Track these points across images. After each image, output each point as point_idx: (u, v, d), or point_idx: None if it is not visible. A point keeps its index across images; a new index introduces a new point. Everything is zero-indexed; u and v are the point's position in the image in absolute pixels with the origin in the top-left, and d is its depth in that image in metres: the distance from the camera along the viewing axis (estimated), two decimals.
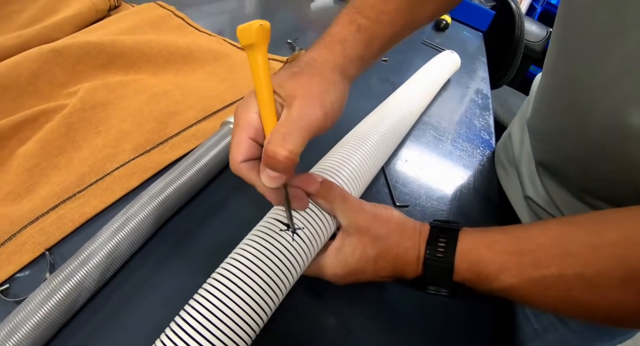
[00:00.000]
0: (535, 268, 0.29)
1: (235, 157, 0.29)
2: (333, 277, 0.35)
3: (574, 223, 0.30)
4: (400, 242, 0.34)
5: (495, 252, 0.31)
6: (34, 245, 0.36)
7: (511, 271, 0.29)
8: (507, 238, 0.31)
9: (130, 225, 0.34)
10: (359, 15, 0.35)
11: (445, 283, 0.33)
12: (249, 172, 0.29)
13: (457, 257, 0.31)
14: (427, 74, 0.68)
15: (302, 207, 0.33)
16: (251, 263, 0.30)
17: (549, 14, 2.46)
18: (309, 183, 0.33)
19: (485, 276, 0.30)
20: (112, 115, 0.48)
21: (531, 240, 0.30)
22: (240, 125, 0.29)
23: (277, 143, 0.26)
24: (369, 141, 0.44)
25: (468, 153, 0.64)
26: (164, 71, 0.58)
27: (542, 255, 0.29)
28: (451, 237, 0.33)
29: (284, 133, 0.26)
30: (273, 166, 0.27)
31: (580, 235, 0.29)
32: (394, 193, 0.50)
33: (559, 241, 0.29)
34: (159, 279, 0.36)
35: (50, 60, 0.51)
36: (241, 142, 0.29)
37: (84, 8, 0.64)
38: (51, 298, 0.30)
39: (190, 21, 0.73)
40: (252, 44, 0.27)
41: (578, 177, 0.43)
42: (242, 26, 0.27)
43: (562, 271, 0.28)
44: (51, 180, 0.41)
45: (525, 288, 0.29)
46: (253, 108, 0.29)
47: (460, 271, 0.31)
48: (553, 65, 0.43)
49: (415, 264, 0.33)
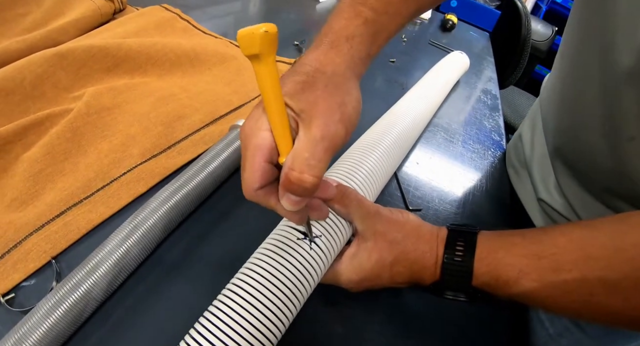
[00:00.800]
0: (556, 272, 0.28)
1: (250, 185, 0.26)
2: (349, 283, 0.34)
3: (595, 226, 0.29)
4: (417, 246, 0.33)
5: (514, 256, 0.30)
6: (40, 253, 0.35)
7: (531, 276, 0.29)
8: (526, 241, 0.30)
9: (139, 232, 0.33)
10: (364, 6, 0.32)
11: (463, 288, 0.32)
12: (267, 198, 0.27)
13: (476, 261, 0.31)
14: (437, 76, 0.68)
15: (322, 217, 0.31)
16: (269, 273, 0.29)
17: (554, 13, 2.45)
18: (326, 190, 0.32)
19: (504, 281, 0.29)
20: (119, 120, 0.47)
21: (551, 243, 0.29)
22: (252, 146, 0.26)
23: (302, 170, 0.24)
24: (382, 144, 0.43)
25: (479, 155, 0.63)
26: (170, 74, 0.57)
27: (562, 258, 0.28)
28: (470, 240, 0.32)
29: (307, 158, 0.24)
30: (296, 192, 0.25)
31: (602, 237, 0.28)
32: (406, 197, 0.49)
33: (579, 244, 0.28)
34: (168, 288, 0.35)
35: (55, 64, 0.50)
36: (256, 167, 0.25)
37: (89, 11, 0.63)
38: (57, 308, 0.29)
39: (196, 23, 0.72)
40: (257, 54, 0.22)
41: (600, 173, 0.42)
42: (244, 31, 0.22)
43: (583, 275, 0.27)
44: (57, 185, 0.40)
45: (546, 292, 0.28)
46: (264, 125, 0.26)
47: (479, 276, 0.31)
48: (574, 51, 0.42)
49: (433, 268, 0.32)
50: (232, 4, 0.89)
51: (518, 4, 1.31)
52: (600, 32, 0.36)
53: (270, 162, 0.26)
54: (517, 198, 0.57)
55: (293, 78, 0.28)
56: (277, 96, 0.24)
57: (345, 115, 0.26)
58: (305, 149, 0.24)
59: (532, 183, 0.54)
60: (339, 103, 0.26)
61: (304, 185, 0.24)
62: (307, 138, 0.25)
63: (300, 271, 0.30)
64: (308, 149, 0.24)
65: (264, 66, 0.23)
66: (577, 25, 0.41)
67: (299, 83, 0.27)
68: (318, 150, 0.24)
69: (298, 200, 0.25)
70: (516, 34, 1.29)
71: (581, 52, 0.40)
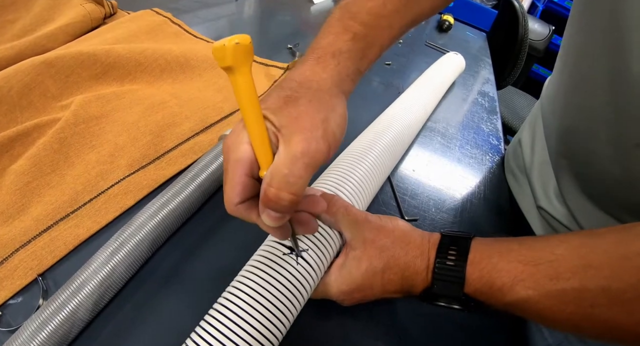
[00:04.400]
0: (553, 280, 0.26)
1: (231, 199, 0.25)
2: (340, 295, 0.33)
3: (597, 234, 0.28)
4: (407, 250, 0.32)
5: (509, 261, 0.28)
6: (26, 270, 0.34)
7: (526, 283, 0.27)
8: (523, 247, 0.29)
9: (124, 250, 0.32)
10: (353, 21, 0.32)
11: (456, 295, 0.30)
12: (248, 213, 0.26)
13: (468, 266, 0.29)
14: (430, 78, 0.66)
15: (310, 232, 0.31)
16: (254, 292, 0.28)
17: (551, 12, 2.44)
18: (315, 205, 0.31)
19: (498, 288, 0.28)
20: (107, 129, 0.46)
21: (549, 250, 0.28)
22: (232, 160, 0.25)
23: (280, 187, 0.23)
24: (373, 152, 0.42)
25: (477, 160, 0.62)
26: (160, 81, 0.56)
27: (561, 265, 0.26)
28: (463, 245, 0.31)
29: (286, 175, 0.23)
30: (275, 209, 0.24)
31: (604, 245, 0.26)
32: (402, 206, 0.48)
33: (580, 251, 0.27)
34: (155, 306, 0.34)
35: (43, 72, 0.49)
36: (236, 181, 0.25)
37: (79, 17, 0.62)
38: (43, 330, 0.28)
39: (187, 28, 0.71)
40: (231, 66, 0.22)
41: (604, 181, 0.40)
42: (217, 45, 0.22)
43: (583, 285, 0.25)
44: (43, 199, 0.39)
45: (542, 302, 0.27)
46: (244, 138, 0.25)
47: (472, 282, 0.29)
48: (578, 54, 0.41)
49: (425, 273, 0.31)
50: (225, 6, 0.88)
51: (515, 3, 1.30)
52: (608, 34, 0.34)
53: (251, 176, 0.26)
54: (517, 205, 0.56)
55: (277, 93, 0.27)
56: (255, 108, 0.24)
57: (329, 131, 0.25)
58: (285, 165, 0.24)
59: (531, 190, 0.53)
60: (322, 119, 0.26)
61: (282, 202, 0.23)
62: (287, 154, 0.24)
63: (287, 287, 0.29)
64: (287, 165, 0.24)
65: (239, 77, 0.23)
66: (579, 27, 0.39)
67: (282, 98, 0.26)
68: (297, 166, 0.24)
69: (278, 216, 0.25)
70: (513, 33, 1.28)
71: (585, 55, 0.39)
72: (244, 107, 0.24)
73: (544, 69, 2.50)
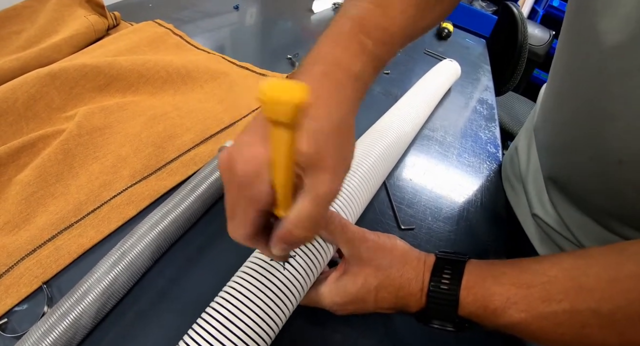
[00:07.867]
0: (546, 303, 0.27)
1: (239, 232, 0.25)
2: (333, 306, 0.34)
3: (589, 256, 0.29)
4: (403, 272, 0.32)
5: (502, 284, 0.29)
6: (32, 278, 0.35)
7: (519, 306, 0.28)
8: (516, 270, 0.30)
9: (126, 260, 0.33)
10: (364, 35, 0.29)
11: (450, 318, 0.31)
12: (254, 242, 0.26)
13: (462, 290, 0.30)
14: (424, 87, 0.67)
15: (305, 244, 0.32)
16: (243, 296, 0.29)
17: (551, 17, 2.45)
18: None
19: (492, 311, 0.29)
20: (110, 140, 0.48)
21: (541, 273, 0.29)
22: (248, 197, 0.23)
23: (306, 229, 0.23)
24: (365, 164, 0.43)
25: (474, 169, 0.63)
26: (162, 92, 0.57)
27: (553, 288, 0.27)
28: (457, 268, 0.31)
29: (313, 217, 0.23)
30: (293, 244, 0.24)
31: (595, 267, 0.27)
32: (398, 215, 0.49)
33: (571, 273, 0.28)
34: (156, 314, 0.35)
35: (48, 84, 0.50)
36: (249, 218, 0.24)
37: (82, 28, 0.63)
38: (48, 336, 0.29)
39: (189, 39, 0.72)
40: (286, 123, 0.18)
41: (591, 194, 0.41)
42: (272, 92, 0.16)
43: (575, 307, 0.26)
44: (48, 209, 0.41)
45: (535, 324, 0.28)
46: (265, 178, 0.23)
47: (466, 305, 0.30)
48: (564, 71, 0.41)
49: (419, 295, 0.32)
50: (226, 16, 0.89)
51: (514, 9, 1.31)
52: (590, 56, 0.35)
53: (263, 214, 0.24)
54: (513, 213, 0.57)
55: None
56: (291, 161, 0.21)
57: (348, 164, 0.25)
58: (310, 209, 0.23)
59: (527, 197, 0.54)
60: (344, 156, 0.25)
61: (305, 240, 0.24)
62: (312, 196, 0.23)
63: (273, 291, 0.30)
64: (313, 209, 0.23)
65: (287, 134, 0.19)
66: (566, 45, 0.40)
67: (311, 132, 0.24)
68: (322, 207, 0.23)
69: (290, 247, 0.25)
70: (513, 39, 1.28)
71: (570, 73, 0.40)
72: (280, 159, 0.21)
73: (544, 73, 2.50)
